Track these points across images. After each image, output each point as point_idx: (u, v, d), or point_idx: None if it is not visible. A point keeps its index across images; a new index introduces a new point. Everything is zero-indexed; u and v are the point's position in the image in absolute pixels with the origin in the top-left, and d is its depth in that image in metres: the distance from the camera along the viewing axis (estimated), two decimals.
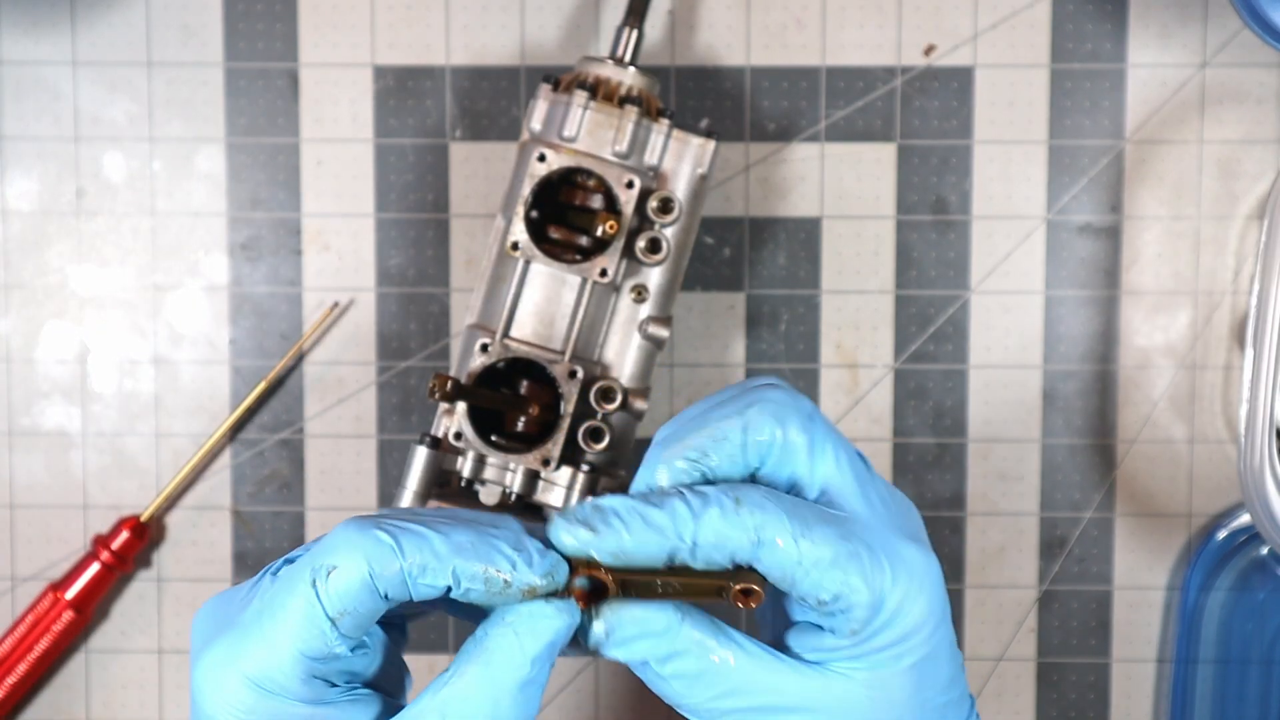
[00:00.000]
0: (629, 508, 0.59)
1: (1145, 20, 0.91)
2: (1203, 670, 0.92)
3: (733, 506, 0.59)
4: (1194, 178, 0.92)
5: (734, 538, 0.59)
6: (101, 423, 0.93)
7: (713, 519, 0.59)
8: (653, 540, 0.59)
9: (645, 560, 0.59)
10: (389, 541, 0.57)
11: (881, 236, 0.92)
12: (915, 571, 0.61)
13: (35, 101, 0.92)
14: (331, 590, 0.56)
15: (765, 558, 0.59)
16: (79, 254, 0.93)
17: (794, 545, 0.59)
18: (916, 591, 0.61)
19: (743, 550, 0.59)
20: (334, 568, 0.56)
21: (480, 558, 0.57)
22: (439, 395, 0.74)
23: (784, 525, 0.59)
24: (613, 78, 0.83)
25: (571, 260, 0.81)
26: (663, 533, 0.59)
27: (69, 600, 0.91)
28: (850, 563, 0.59)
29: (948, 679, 0.63)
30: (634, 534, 0.59)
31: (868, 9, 0.91)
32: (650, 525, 0.59)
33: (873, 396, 0.93)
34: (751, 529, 0.59)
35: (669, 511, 0.59)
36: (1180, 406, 0.92)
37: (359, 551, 0.57)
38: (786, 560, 0.59)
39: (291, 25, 0.92)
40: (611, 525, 0.59)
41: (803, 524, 0.59)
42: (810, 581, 0.59)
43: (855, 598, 0.59)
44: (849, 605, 0.60)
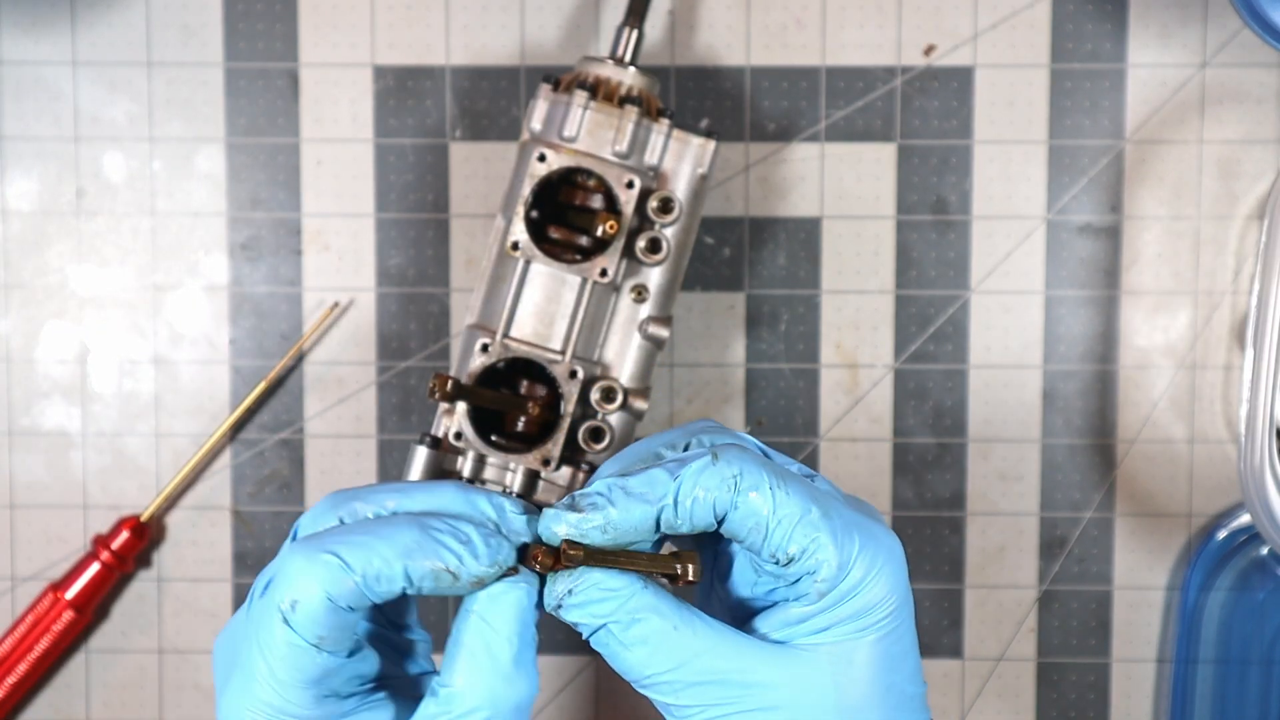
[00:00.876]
0: (608, 485, 0.61)
1: (1145, 20, 0.91)
2: (1203, 670, 0.92)
3: (710, 460, 0.61)
4: (1194, 178, 0.92)
5: (713, 487, 0.60)
6: (101, 423, 0.93)
7: (692, 473, 0.61)
8: (637, 506, 0.61)
9: (636, 529, 0.61)
10: (336, 562, 0.59)
11: (881, 236, 0.92)
12: (881, 546, 0.62)
13: (35, 101, 0.92)
14: (300, 621, 0.58)
15: (742, 506, 0.61)
16: (79, 254, 0.93)
17: (769, 496, 0.61)
18: (882, 565, 0.62)
19: (723, 499, 0.60)
20: (295, 601, 0.58)
21: (427, 555, 0.59)
22: (439, 395, 0.74)
23: (761, 476, 0.61)
24: (613, 78, 0.83)
25: (571, 260, 0.81)
26: (645, 497, 0.61)
27: (69, 600, 0.91)
28: (821, 521, 0.61)
29: (913, 669, 0.64)
30: (619, 505, 0.61)
31: (868, 9, 0.91)
32: (631, 494, 0.61)
33: (873, 396, 0.93)
34: (730, 477, 0.61)
35: (647, 478, 0.61)
36: (1180, 406, 0.93)
37: (312, 579, 0.58)
38: (761, 509, 0.61)
39: (291, 25, 0.92)
40: (596, 504, 0.61)
41: (778, 477, 0.61)
42: (781, 533, 0.61)
43: (822, 555, 0.61)
44: (815, 564, 0.61)
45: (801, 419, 0.92)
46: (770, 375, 0.92)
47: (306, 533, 0.62)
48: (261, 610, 0.59)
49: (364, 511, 0.62)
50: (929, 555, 0.93)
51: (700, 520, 0.61)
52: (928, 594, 0.93)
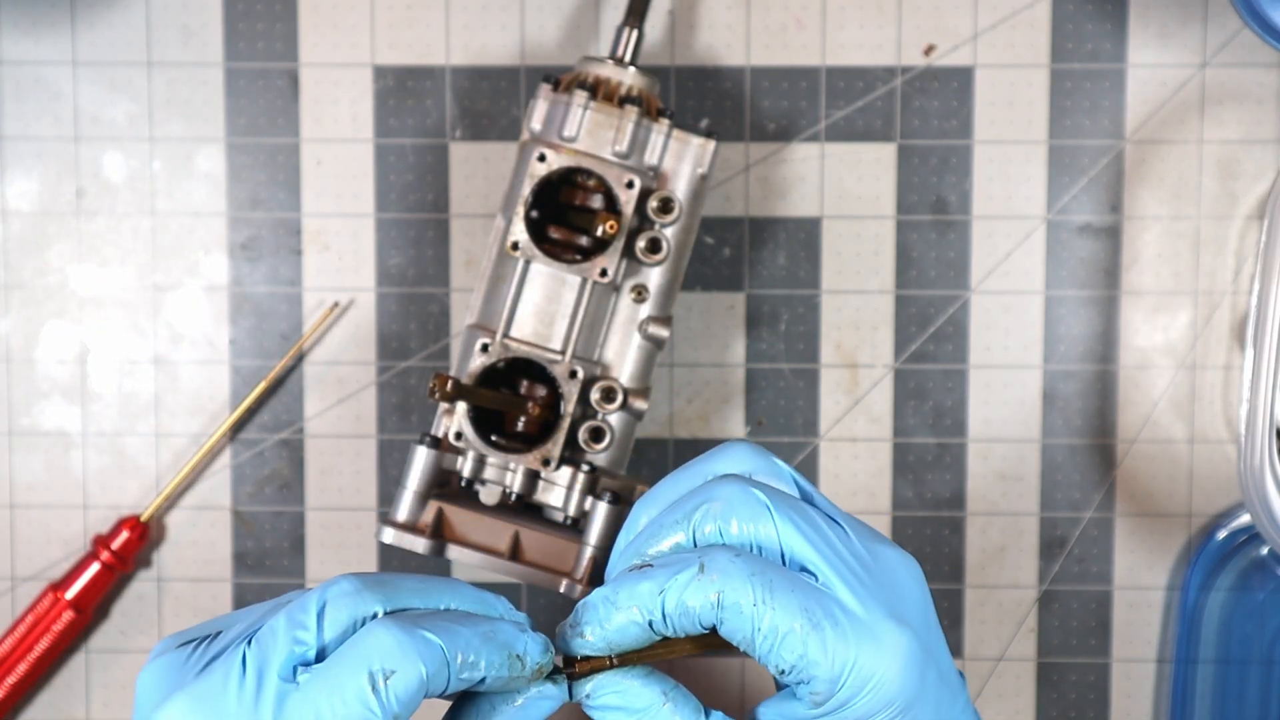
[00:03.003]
0: (601, 598, 0.62)
1: (1145, 20, 0.91)
2: (1203, 670, 0.92)
3: (696, 573, 0.61)
4: (1194, 178, 0.92)
5: (697, 605, 0.61)
6: (101, 423, 0.93)
7: (676, 589, 0.61)
8: (628, 623, 0.62)
9: (634, 642, 0.62)
10: (437, 642, 0.59)
11: (881, 236, 0.92)
12: (884, 648, 0.61)
13: (35, 101, 0.92)
14: (392, 694, 0.58)
15: (727, 621, 0.61)
16: (79, 254, 0.93)
17: (751, 614, 0.60)
18: (885, 668, 0.61)
19: (707, 615, 0.61)
20: (392, 672, 0.58)
21: (503, 644, 0.61)
22: (439, 395, 0.74)
23: (746, 590, 0.60)
24: (613, 78, 0.83)
25: (571, 260, 0.81)
26: (631, 610, 0.62)
27: (69, 600, 0.91)
28: (811, 634, 0.60)
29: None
30: (610, 621, 0.62)
31: (868, 9, 0.91)
32: (619, 607, 0.62)
33: (873, 396, 0.93)
34: (713, 594, 0.60)
35: (632, 593, 0.62)
36: (1180, 406, 0.93)
37: (414, 654, 0.59)
38: (746, 627, 0.60)
39: (291, 25, 0.92)
40: (590, 622, 0.62)
41: (766, 589, 0.61)
42: (767, 648, 0.60)
43: (814, 670, 0.60)
44: (808, 677, 0.60)
45: (801, 419, 0.92)
46: (770, 375, 0.92)
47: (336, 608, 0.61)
48: (338, 678, 0.58)
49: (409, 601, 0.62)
50: (929, 555, 0.93)
51: (689, 629, 0.62)
52: None
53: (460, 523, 0.82)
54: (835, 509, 0.65)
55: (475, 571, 0.91)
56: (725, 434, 0.92)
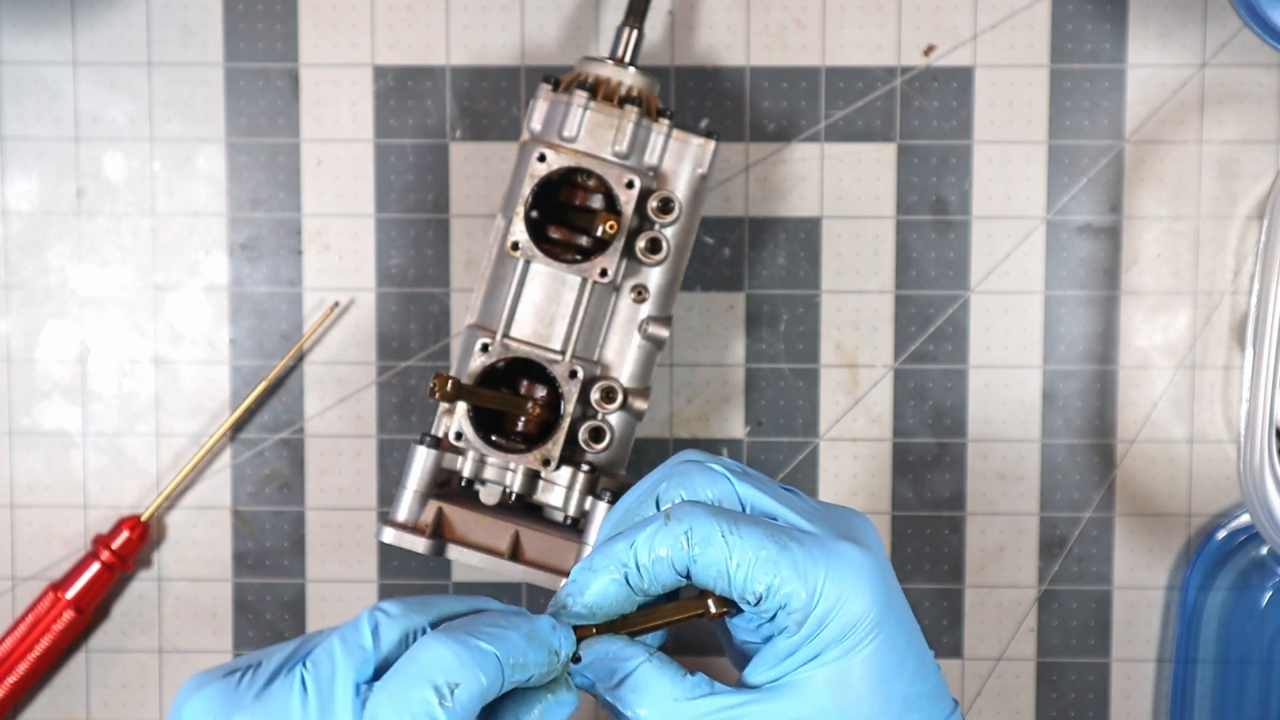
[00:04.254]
0: (578, 570, 0.65)
1: (1145, 20, 0.91)
2: (1202, 670, 0.92)
3: (663, 522, 0.64)
4: (1194, 178, 0.92)
5: (668, 545, 0.64)
6: (101, 423, 0.93)
7: (645, 537, 0.64)
8: (606, 581, 0.64)
9: (615, 602, 0.65)
10: (491, 650, 0.61)
11: (881, 236, 0.92)
12: (850, 563, 0.64)
13: (35, 101, 0.92)
14: (457, 705, 0.60)
15: (700, 559, 0.63)
16: (79, 254, 0.93)
17: (723, 543, 0.63)
18: (854, 581, 0.64)
19: (679, 555, 0.63)
20: (456, 684, 0.60)
21: (544, 643, 0.63)
22: (439, 395, 0.74)
23: (712, 526, 0.63)
24: (613, 78, 0.83)
25: (571, 260, 0.81)
26: (607, 569, 0.64)
27: (69, 600, 0.91)
28: (780, 555, 0.63)
29: (914, 671, 0.65)
30: (588, 584, 0.65)
31: (868, 9, 0.91)
32: (595, 570, 0.64)
33: (873, 396, 0.93)
34: (681, 534, 0.63)
35: (605, 552, 0.65)
36: (1180, 406, 0.93)
37: (473, 665, 0.60)
38: (719, 558, 0.63)
39: (291, 25, 0.92)
40: (571, 592, 0.65)
41: (731, 524, 0.64)
42: (742, 575, 0.63)
43: (788, 587, 0.63)
44: (785, 599, 0.63)
45: (801, 419, 0.93)
46: (770, 375, 0.93)
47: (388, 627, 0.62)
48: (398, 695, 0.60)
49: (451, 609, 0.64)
50: (929, 555, 0.93)
51: (665, 579, 0.64)
52: (928, 594, 0.93)
53: (460, 523, 0.82)
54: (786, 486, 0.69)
55: (475, 571, 0.91)
56: (725, 434, 0.92)
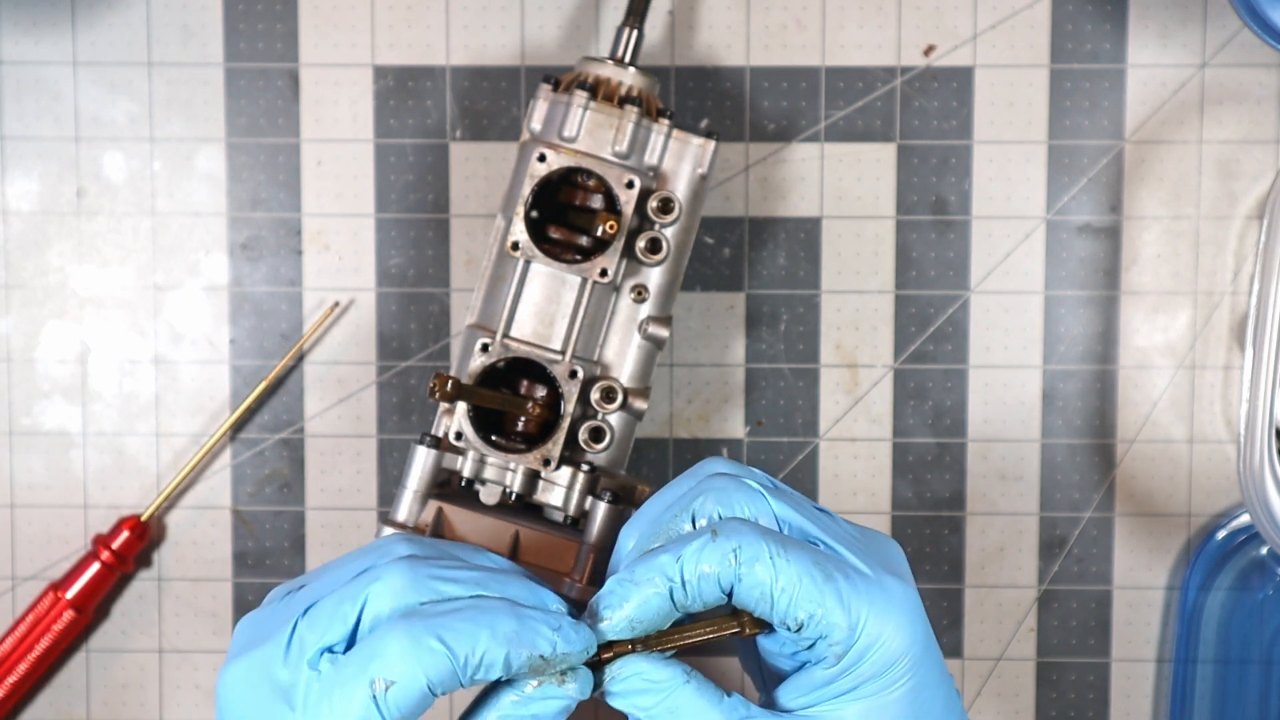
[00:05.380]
0: (617, 581, 0.63)
1: (1145, 20, 0.91)
2: (1202, 670, 0.92)
3: (710, 538, 0.62)
4: (1194, 178, 0.92)
5: (716, 563, 0.62)
6: (101, 423, 0.93)
7: (693, 552, 0.62)
8: (649, 594, 0.62)
9: (656, 616, 0.63)
10: (442, 650, 0.59)
11: (881, 236, 0.92)
12: (893, 599, 0.62)
13: (35, 101, 0.92)
14: (391, 702, 0.59)
15: (745, 578, 0.62)
16: (79, 254, 0.93)
17: (770, 565, 0.61)
18: (896, 619, 0.62)
19: (726, 573, 0.62)
20: (392, 682, 0.59)
21: (526, 645, 0.61)
22: (439, 395, 0.74)
23: (760, 547, 0.62)
24: (613, 78, 0.83)
25: (571, 260, 0.81)
26: (651, 582, 0.62)
27: (69, 600, 0.91)
28: (826, 585, 0.61)
29: (942, 708, 0.64)
30: (632, 599, 0.62)
31: (868, 9, 0.91)
32: (638, 583, 0.62)
33: (873, 396, 0.93)
34: (729, 552, 0.62)
35: (651, 566, 0.62)
36: (1180, 406, 0.93)
37: (416, 665, 0.59)
38: (765, 581, 0.61)
39: (291, 25, 0.92)
40: (612, 605, 0.63)
41: (780, 546, 0.62)
42: (786, 600, 0.61)
43: (831, 618, 0.61)
44: (827, 629, 0.61)
45: (801, 419, 0.93)
46: (770, 375, 0.93)
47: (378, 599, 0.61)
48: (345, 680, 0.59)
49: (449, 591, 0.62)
50: (929, 555, 0.93)
51: (709, 596, 0.62)
52: (928, 594, 0.93)
53: (460, 522, 0.82)
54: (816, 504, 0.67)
55: None
56: (725, 434, 0.92)
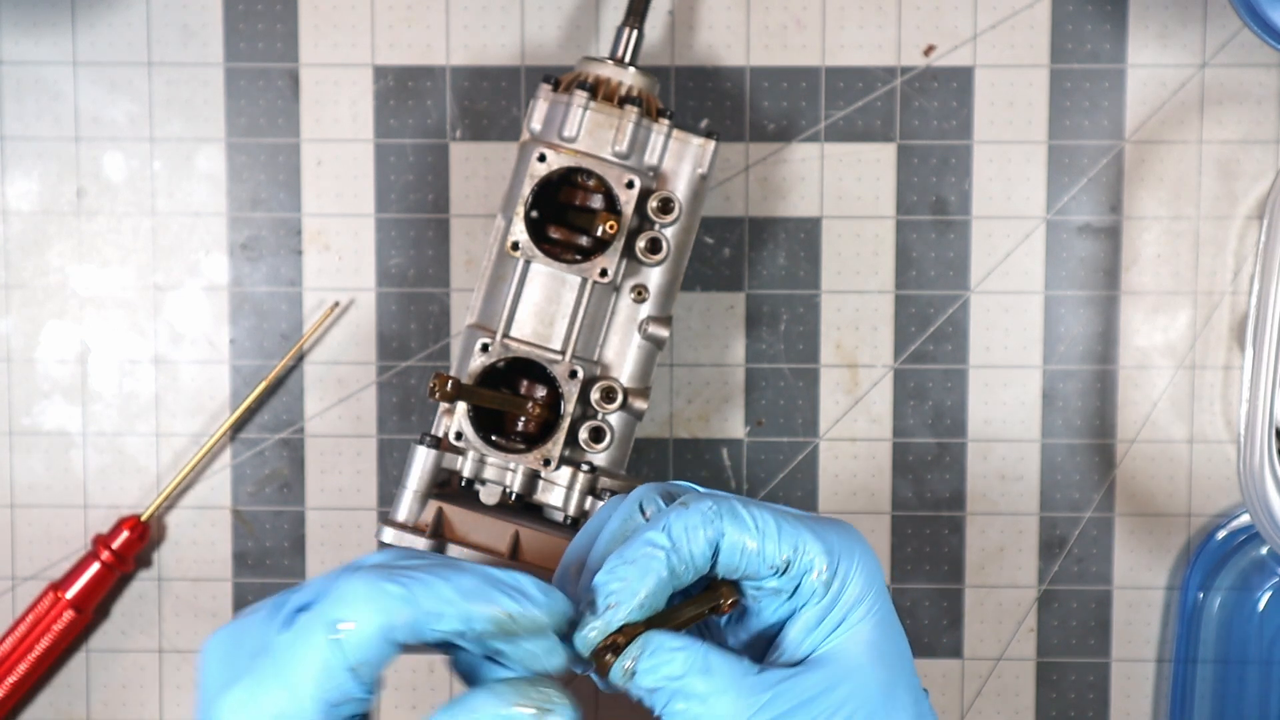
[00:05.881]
0: (609, 570, 0.65)
1: (1145, 20, 0.91)
2: (1202, 670, 0.92)
3: (683, 508, 0.65)
4: (1194, 178, 0.92)
5: (699, 524, 0.65)
6: (101, 423, 0.93)
7: (676, 517, 0.65)
8: (649, 567, 0.64)
9: (660, 590, 0.64)
10: (400, 592, 0.59)
11: (881, 236, 0.92)
12: (849, 533, 0.68)
13: (36, 101, 0.92)
14: (348, 643, 0.59)
15: (728, 530, 0.65)
16: (79, 254, 0.93)
17: (747, 514, 0.65)
18: (858, 549, 0.67)
19: (711, 528, 0.65)
20: (349, 622, 0.59)
21: (486, 600, 0.61)
22: (439, 395, 0.74)
23: (731, 502, 0.66)
24: (613, 78, 0.83)
25: (571, 260, 0.81)
26: (650, 556, 0.64)
27: (69, 600, 0.91)
28: (798, 523, 0.66)
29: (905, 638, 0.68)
30: (635, 580, 0.64)
31: (868, 9, 0.91)
32: (634, 561, 0.64)
33: (873, 396, 0.93)
34: (707, 510, 0.65)
35: (640, 542, 0.65)
36: (1180, 406, 0.93)
37: (372, 605, 0.59)
38: (747, 526, 0.65)
39: (291, 25, 0.92)
40: (617, 592, 0.64)
41: (743, 501, 0.66)
42: (770, 544, 0.65)
43: (811, 549, 0.66)
44: (809, 563, 0.66)
45: (801, 419, 0.93)
46: (770, 375, 0.93)
47: None
48: (304, 627, 0.60)
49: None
50: (929, 555, 0.93)
51: (700, 557, 0.65)
52: (928, 594, 0.93)
53: (460, 522, 0.82)
54: None
55: None
56: (725, 434, 0.92)
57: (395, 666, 0.94)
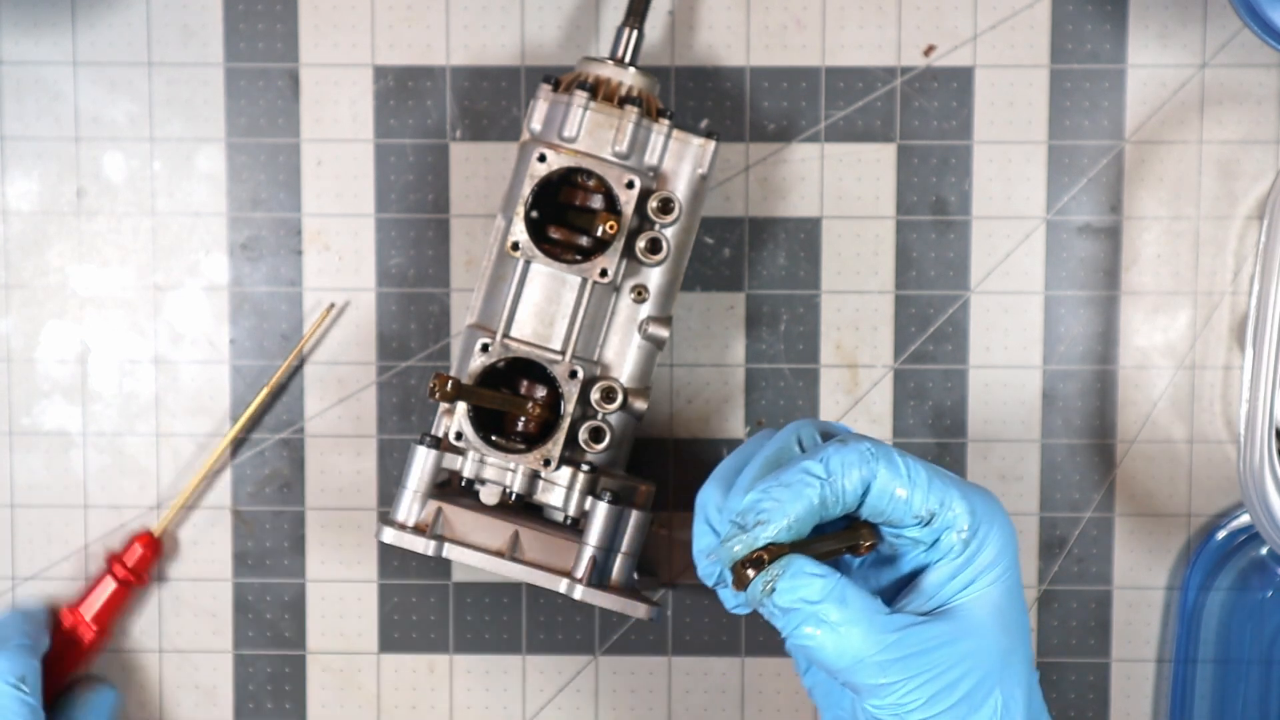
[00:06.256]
0: (763, 490, 0.68)
1: (1145, 20, 0.91)
2: (1202, 670, 0.92)
3: (841, 444, 0.69)
4: (1193, 178, 0.92)
5: (855, 462, 0.68)
6: (102, 423, 0.93)
7: (834, 453, 0.68)
8: (802, 493, 0.68)
9: (808, 517, 0.67)
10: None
11: (881, 236, 0.92)
12: (990, 497, 0.71)
13: (36, 101, 0.92)
14: None
15: (880, 474, 0.69)
16: (79, 254, 0.93)
17: (901, 462, 0.69)
18: (998, 513, 0.71)
19: (866, 468, 0.68)
20: None
21: None
22: (439, 395, 0.74)
23: (887, 448, 0.69)
24: (613, 78, 0.83)
25: (571, 260, 0.81)
26: (804, 482, 0.68)
27: (90, 621, 0.91)
28: (947, 479, 0.70)
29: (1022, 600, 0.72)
30: (787, 501, 0.67)
31: (868, 9, 0.91)
32: (790, 485, 0.68)
33: (873, 396, 0.93)
34: (864, 450, 0.69)
35: (798, 469, 0.68)
36: (1180, 406, 0.93)
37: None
38: (899, 473, 0.69)
39: (291, 25, 0.92)
40: (768, 509, 0.67)
41: (899, 452, 0.70)
42: (920, 494, 0.69)
43: (956, 507, 0.69)
44: (953, 517, 0.69)
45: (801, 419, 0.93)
46: (770, 375, 0.93)
47: None
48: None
49: None
50: None
51: (851, 495, 0.68)
52: None
53: (460, 522, 0.82)
54: None
55: (475, 571, 0.91)
56: (725, 434, 0.92)
57: (395, 666, 0.94)
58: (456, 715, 0.93)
